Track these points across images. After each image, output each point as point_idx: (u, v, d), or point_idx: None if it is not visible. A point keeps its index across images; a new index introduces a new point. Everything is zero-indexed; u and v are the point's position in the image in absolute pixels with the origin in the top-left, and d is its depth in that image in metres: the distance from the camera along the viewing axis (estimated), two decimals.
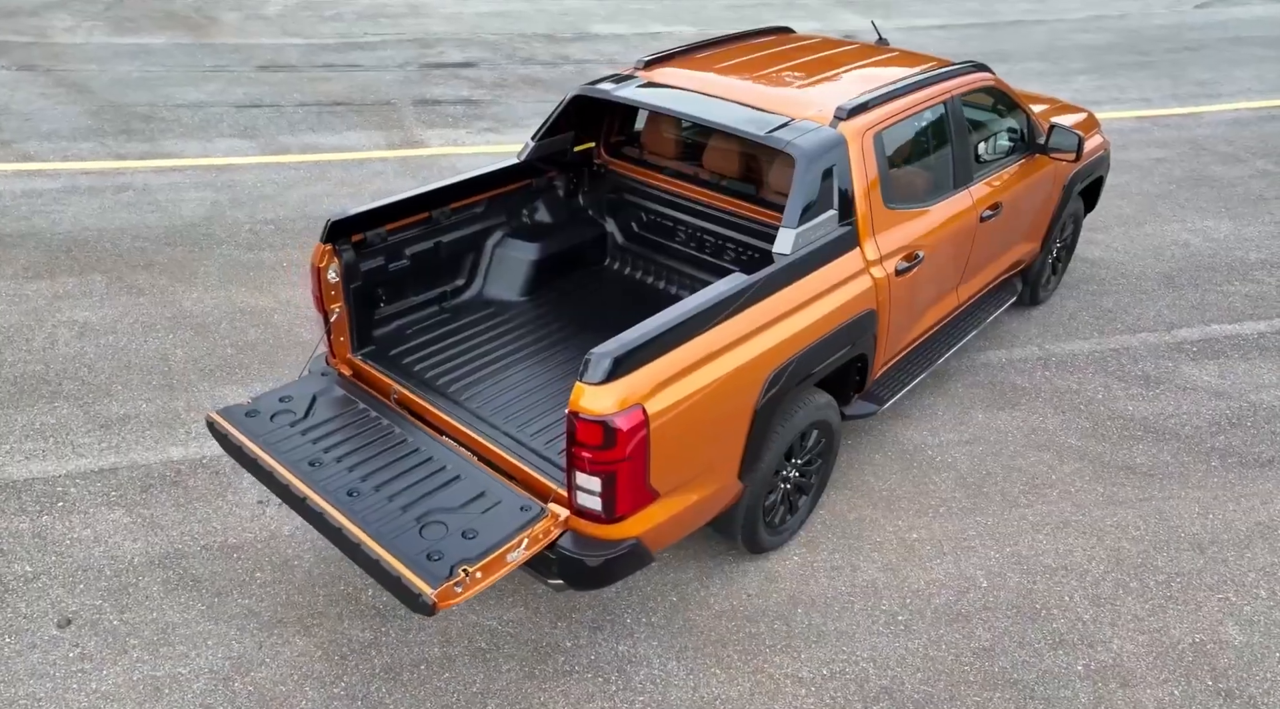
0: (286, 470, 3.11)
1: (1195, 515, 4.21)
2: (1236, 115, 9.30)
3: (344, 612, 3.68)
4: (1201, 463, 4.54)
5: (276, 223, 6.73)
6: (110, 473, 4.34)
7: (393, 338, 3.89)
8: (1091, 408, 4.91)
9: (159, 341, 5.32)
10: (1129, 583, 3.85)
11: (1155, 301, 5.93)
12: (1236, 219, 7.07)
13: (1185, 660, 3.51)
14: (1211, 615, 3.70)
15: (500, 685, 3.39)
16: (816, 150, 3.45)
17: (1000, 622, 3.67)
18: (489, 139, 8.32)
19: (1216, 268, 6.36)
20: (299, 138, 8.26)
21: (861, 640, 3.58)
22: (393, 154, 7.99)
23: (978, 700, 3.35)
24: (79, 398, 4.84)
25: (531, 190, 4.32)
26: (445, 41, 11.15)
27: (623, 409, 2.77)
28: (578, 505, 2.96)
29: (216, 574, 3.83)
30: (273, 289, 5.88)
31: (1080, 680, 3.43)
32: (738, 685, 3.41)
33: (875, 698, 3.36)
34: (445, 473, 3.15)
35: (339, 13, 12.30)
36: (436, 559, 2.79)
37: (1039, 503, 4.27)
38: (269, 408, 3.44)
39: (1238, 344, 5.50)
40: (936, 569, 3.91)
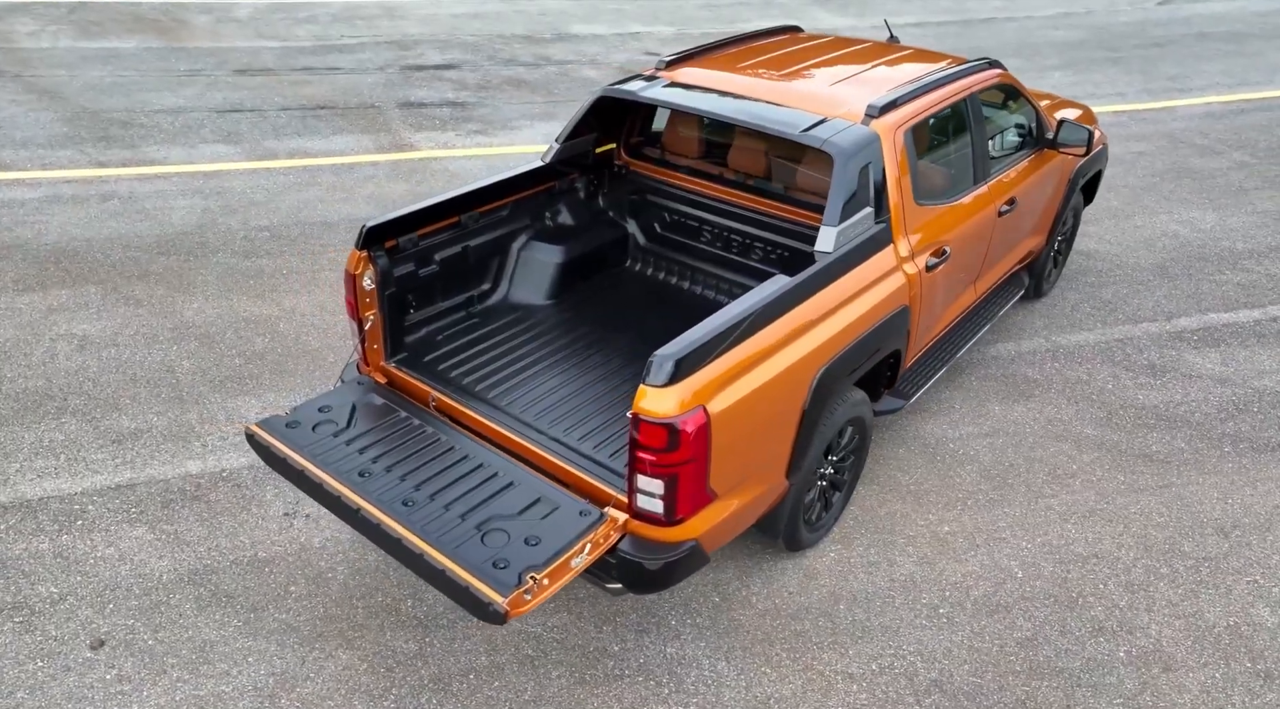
0: (337, 482, 3.06)
1: (1215, 500, 4.31)
2: (1208, 109, 9.54)
3: (385, 623, 3.63)
4: (1215, 449, 4.64)
5: (271, 230, 6.61)
6: (128, 489, 4.24)
7: (424, 344, 3.84)
8: (1103, 398, 5.00)
9: (163, 353, 5.20)
10: (1159, 569, 3.93)
11: (1152, 292, 6.06)
12: (1220, 210, 7.25)
13: (1223, 644, 3.59)
14: (1242, 598, 3.79)
15: (552, 693, 3.37)
16: (854, 148, 3.47)
17: (1039, 611, 3.72)
18: (478, 142, 8.26)
19: (1207, 258, 6.51)
20: (285, 142, 8.12)
21: (906, 634, 3.61)
22: (383, 158, 7.89)
23: (1026, 690, 3.40)
24: (86, 413, 4.71)
25: (554, 193, 4.29)
26: (424, 43, 11.04)
27: (686, 411, 2.76)
28: (637, 508, 2.95)
29: (249, 589, 3.76)
30: (275, 297, 5.78)
31: (1124, 667, 3.49)
32: (789, 684, 3.42)
33: (926, 691, 3.39)
34: (498, 479, 3.12)
35: (312, 15, 12.12)
36: (503, 567, 2.76)
37: (1063, 493, 4.34)
38: (309, 418, 3.37)
39: (1235, 332, 5.64)
40: (971, 561, 3.96)
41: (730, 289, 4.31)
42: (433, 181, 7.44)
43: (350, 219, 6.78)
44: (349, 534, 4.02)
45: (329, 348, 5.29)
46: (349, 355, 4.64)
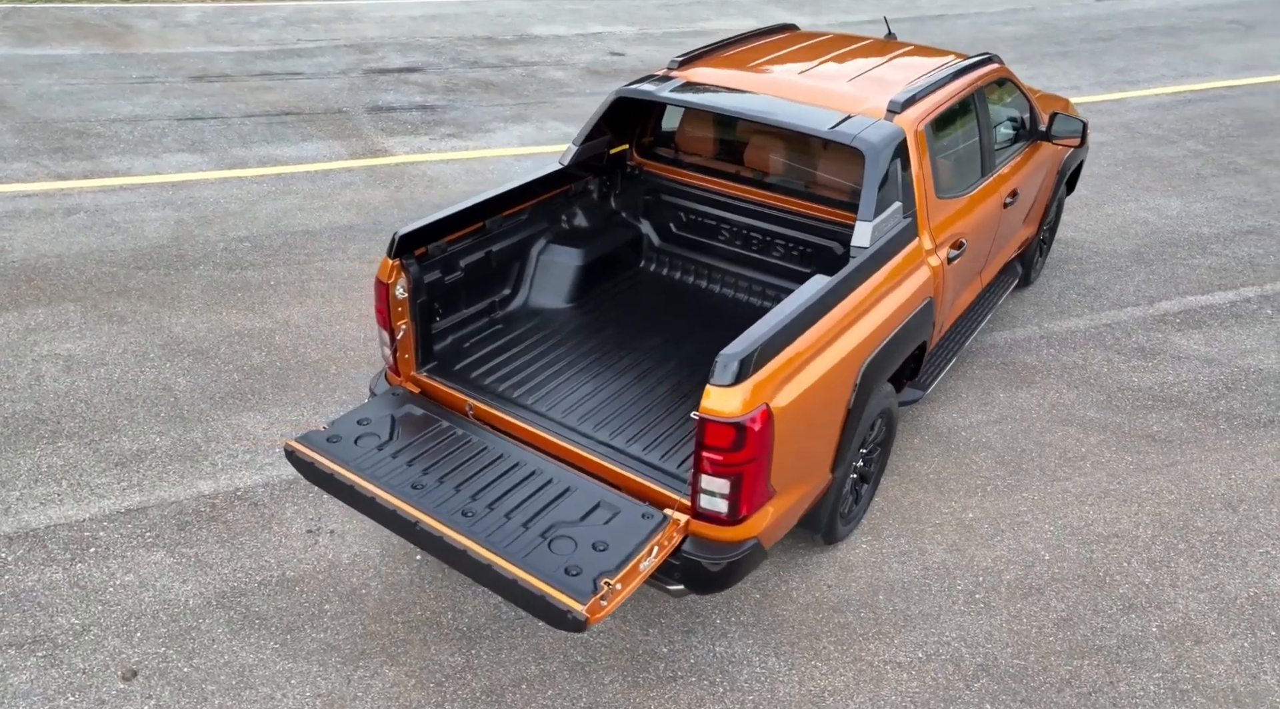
0: (391, 496, 2.99)
1: (1219, 476, 4.47)
2: (1157, 100, 9.89)
3: (428, 637, 3.56)
4: (1211, 427, 4.82)
5: (252, 240, 6.43)
6: (139, 513, 4.08)
7: (452, 352, 3.78)
8: (1101, 381, 5.16)
9: (156, 371, 5.03)
10: (1177, 545, 4.07)
11: (1132, 277, 6.26)
12: (1183, 196, 7.52)
13: (1246, 614, 3.73)
14: (1258, 569, 3.95)
15: (607, 698, 3.35)
16: (883, 143, 3.52)
17: (1071, 592, 3.82)
18: (453, 145, 8.15)
19: (1178, 243, 6.75)
20: (253, 150, 7.91)
21: (947, 621, 3.68)
22: (357, 164, 7.74)
23: (1070, 669, 3.49)
24: (83, 436, 4.53)
25: (569, 195, 4.26)
26: (384, 46, 10.86)
27: (751, 410, 2.77)
28: (700, 508, 2.95)
29: (282, 610, 3.65)
30: (266, 309, 5.63)
31: (1158, 641, 3.61)
32: (841, 676, 3.45)
33: (974, 676, 3.46)
34: (554, 486, 3.09)
35: (264, 19, 11.82)
36: (575, 574, 2.73)
37: (1076, 475, 4.46)
38: (350, 432, 3.29)
39: (1214, 313, 5.86)
40: (999, 546, 4.04)
41: (749, 286, 4.34)
42: (412, 187, 7.32)
43: (333, 227, 6.64)
44: (378, 549, 3.94)
45: (329, 359, 5.18)
46: (382, 367, 4.55)
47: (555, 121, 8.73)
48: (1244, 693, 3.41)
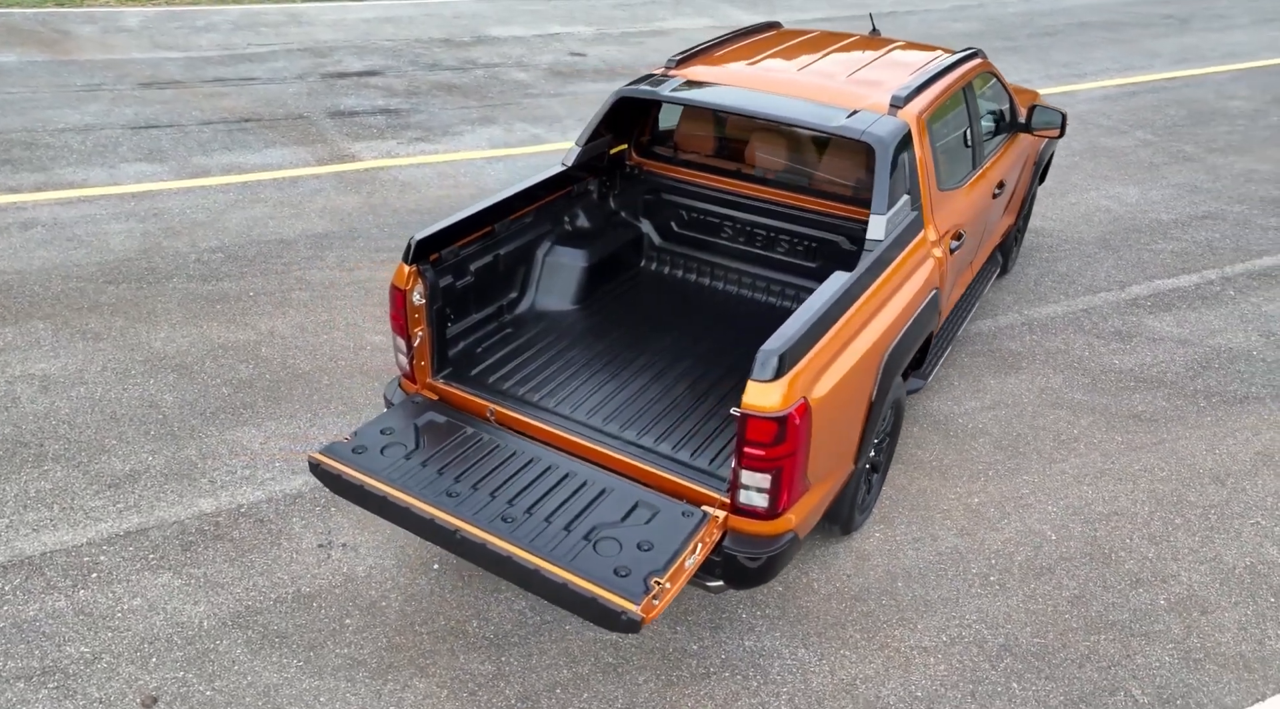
0: (427, 504, 2.94)
1: (1204, 452, 4.65)
2: (1105, 92, 10.22)
3: (455, 647, 3.52)
4: (1192, 405, 5.01)
5: (225, 251, 6.27)
6: (139, 535, 3.95)
7: (465, 358, 3.73)
8: (1084, 365, 5.32)
9: (140, 388, 4.87)
10: (1174, 520, 4.21)
11: (1101, 263, 6.46)
12: (1140, 184, 7.79)
13: (1245, 583, 3.88)
14: (1251, 540, 4.11)
15: (644, 698, 3.34)
16: (891, 137, 3.58)
17: (1080, 570, 3.93)
18: (422, 149, 8.04)
19: (1140, 229, 6.99)
20: (215, 158, 7.71)
21: (966, 604, 3.76)
22: (325, 170, 7.59)
23: (1088, 644, 3.59)
24: (70, 458, 4.36)
25: (571, 197, 4.24)
26: (339, 50, 10.66)
27: (791, 404, 2.80)
28: (740, 504, 2.96)
29: (301, 627, 3.57)
30: (248, 321, 5.49)
31: (1167, 613, 3.74)
32: (870, 663, 3.50)
33: (998, 656, 3.54)
34: (590, 487, 3.07)
35: (210, 23, 11.52)
36: (625, 575, 2.72)
37: (1072, 457, 4.59)
38: (374, 442, 3.23)
39: (1181, 296, 6.08)
40: (1006, 529, 4.14)
41: (753, 283, 4.37)
42: (384, 192, 7.21)
43: (307, 235, 6.50)
44: (394, 560, 3.88)
45: (320, 370, 5.07)
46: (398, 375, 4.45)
47: (523, 123, 8.67)
48: (1252, 658, 3.55)
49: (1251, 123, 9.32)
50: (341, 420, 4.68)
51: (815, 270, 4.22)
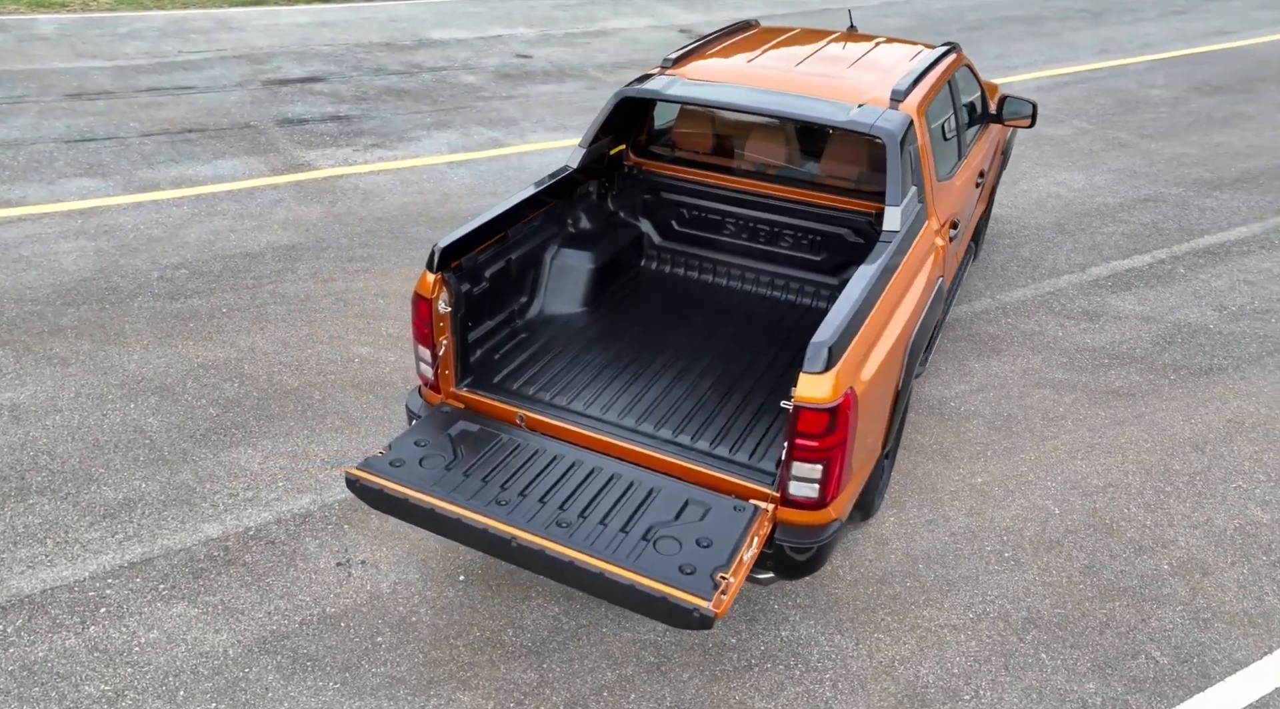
0: (479, 514, 2.89)
1: (1181, 422, 4.89)
2: (1038, 83, 10.62)
3: (494, 657, 3.47)
4: (1163, 378, 5.26)
5: (189, 267, 6.04)
6: (145, 565, 3.79)
7: (485, 365, 3.68)
8: (1059, 345, 5.53)
9: (121, 413, 4.66)
10: (1164, 488, 4.42)
11: (1060, 247, 6.73)
12: (1083, 171, 8.13)
13: (1237, 543, 4.10)
14: (1236, 502, 4.34)
15: (691, 694, 3.36)
16: (899, 129, 3.67)
17: (1086, 541, 4.10)
18: (380, 156, 7.88)
19: (1090, 213, 7.30)
20: (162, 171, 7.41)
21: (986, 581, 3.88)
22: (282, 180, 7.37)
23: (1105, 612, 3.74)
24: (56, 489, 4.15)
25: (574, 199, 4.22)
26: (278, 56, 10.36)
27: (840, 394, 2.85)
28: (790, 496, 3.00)
29: (333, 648, 3.48)
30: (225, 338, 5.30)
31: (1171, 577, 3.92)
32: (905, 644, 3.59)
33: (1024, 628, 3.66)
34: (638, 488, 3.07)
35: (134, 30, 11.06)
36: (690, 572, 2.73)
37: (1062, 434, 4.77)
38: (411, 454, 3.16)
39: (1139, 275, 6.38)
40: (1012, 506, 4.29)
41: (756, 278, 4.42)
42: (348, 201, 7.04)
43: (274, 248, 6.31)
44: (418, 574, 3.80)
45: (310, 385, 4.93)
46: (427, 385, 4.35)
47: (480, 127, 8.57)
48: (1255, 614, 3.76)
49: (1173, 110, 9.81)
50: (340, 436, 4.57)
51: (820, 264, 4.30)
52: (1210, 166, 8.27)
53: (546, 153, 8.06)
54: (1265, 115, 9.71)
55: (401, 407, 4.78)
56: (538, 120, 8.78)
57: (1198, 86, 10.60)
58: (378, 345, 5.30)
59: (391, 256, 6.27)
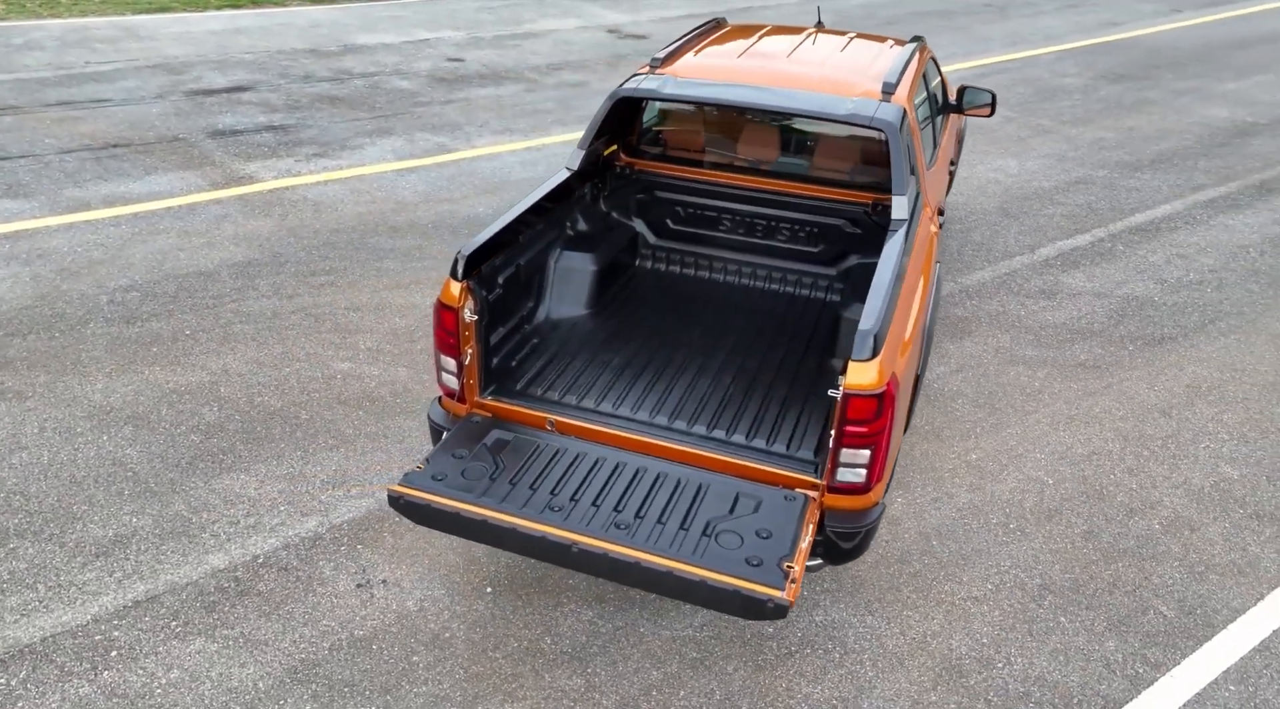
0: (535, 522, 2.85)
1: (1146, 390, 5.17)
2: (959, 75, 11.03)
3: (536, 666, 3.43)
4: (1123, 349, 5.55)
5: (139, 289, 5.74)
6: (151, 603, 3.60)
7: (504, 372, 3.62)
8: (1023, 323, 5.78)
9: (94, 446, 4.41)
10: (1141, 452, 4.67)
11: (1008, 230, 7.02)
12: (1016, 157, 8.50)
13: (1215, 499, 4.37)
14: (1208, 461, 4.62)
15: (739, 685, 3.39)
16: (897, 121, 3.77)
17: (1081, 508, 4.30)
18: (325, 166, 7.65)
19: (1029, 197, 7.64)
20: (90, 190, 7.03)
21: (998, 552, 4.03)
22: (225, 194, 7.08)
23: (1110, 573, 3.94)
24: (38, 531, 3.90)
25: (571, 201, 4.19)
26: (196, 65, 9.93)
27: (885, 380, 2.92)
28: (837, 482, 3.06)
29: (368, 672, 3.37)
30: (194, 361, 5.07)
31: (1163, 535, 4.15)
32: (934, 619, 3.70)
33: (1040, 595, 3.82)
34: (687, 485, 3.07)
35: (31, 40, 10.44)
36: (758, 564, 2.75)
37: (1041, 408, 4.99)
38: (451, 467, 3.08)
39: (1083, 254, 6.71)
40: (1009, 479, 4.46)
41: (754, 272, 4.47)
42: (299, 214, 6.81)
43: (228, 265, 6.05)
44: (443, 589, 3.72)
45: (295, 404, 4.76)
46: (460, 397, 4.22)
47: (424, 133, 8.40)
48: (1243, 564, 4.01)
49: (1086, 97, 10.35)
50: (336, 455, 4.42)
51: (817, 255, 4.38)
52: (1128, 149, 8.76)
53: (496, 157, 7.97)
54: (1166, 101, 10.33)
55: (394, 422, 4.66)
56: (482, 124, 8.67)
57: (1103, 75, 11.20)
58: (358, 360, 5.15)
59: (356, 269, 6.09)
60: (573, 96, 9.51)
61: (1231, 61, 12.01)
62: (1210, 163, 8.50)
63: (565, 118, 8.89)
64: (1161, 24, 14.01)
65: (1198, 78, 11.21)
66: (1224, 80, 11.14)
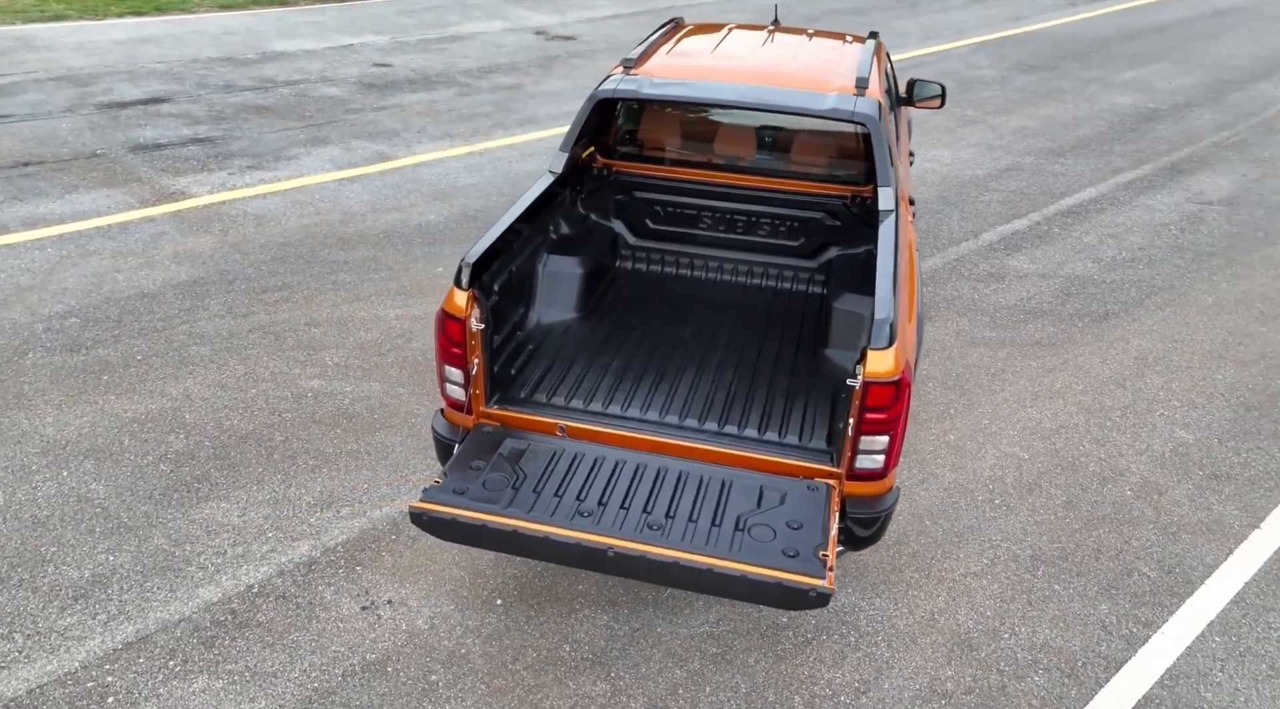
0: (566, 529, 2.81)
1: (1100, 364, 5.42)
2: (899, 65, 11.33)
3: (559, 675, 3.38)
4: (1072, 326, 5.81)
5: (79, 315, 5.44)
6: (143, 643, 3.41)
7: (505, 379, 3.56)
8: (978, 306, 5.98)
9: (54, 483, 4.16)
10: (1105, 422, 4.90)
11: (950, 217, 7.26)
12: (948, 147, 8.79)
13: (1176, 464, 4.61)
14: (1164, 428, 4.87)
15: (762, 677, 3.41)
16: (877, 114, 3.86)
17: (1058, 480, 4.48)
18: (261, 178, 7.38)
19: (965, 185, 7.91)
20: (6, 211, 6.63)
21: (987, 528, 4.16)
22: (157, 211, 6.76)
23: (1093, 540, 4.11)
24: (6, 577, 3.66)
25: (554, 205, 4.14)
26: (104, 76, 9.45)
27: (901, 367, 2.99)
28: (856, 469, 3.11)
29: (386, 695, 3.28)
30: (151, 387, 4.82)
31: (1135, 500, 4.36)
32: (938, 597, 3.80)
33: (1033, 565, 3.97)
34: (711, 481, 3.07)
35: None
36: (794, 555, 2.78)
37: (1007, 387, 5.18)
38: (470, 479, 3.01)
39: (1024, 237, 6.99)
40: (987, 457, 4.61)
41: (735, 268, 4.50)
42: (241, 228, 6.55)
43: (173, 285, 5.78)
44: (452, 605, 3.64)
45: (267, 427, 4.58)
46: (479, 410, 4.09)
47: (360, 141, 8.18)
48: (1210, 522, 4.25)
49: (1003, 87, 10.78)
50: (319, 475, 4.28)
51: (798, 248, 4.44)
52: (1049, 136, 9.16)
53: (439, 163, 7.82)
54: (1076, 89, 10.84)
55: (375, 438, 4.53)
56: (419, 130, 8.50)
57: (1016, 66, 11.68)
58: (328, 377, 4.99)
59: (310, 283, 5.90)
60: (509, 99, 9.41)
61: (1126, 52, 12.68)
62: (1124, 147, 8.96)
63: (505, 121, 8.79)
64: (1061, 17, 14.69)
65: (1099, 67, 11.80)
66: (1122, 70, 11.75)
